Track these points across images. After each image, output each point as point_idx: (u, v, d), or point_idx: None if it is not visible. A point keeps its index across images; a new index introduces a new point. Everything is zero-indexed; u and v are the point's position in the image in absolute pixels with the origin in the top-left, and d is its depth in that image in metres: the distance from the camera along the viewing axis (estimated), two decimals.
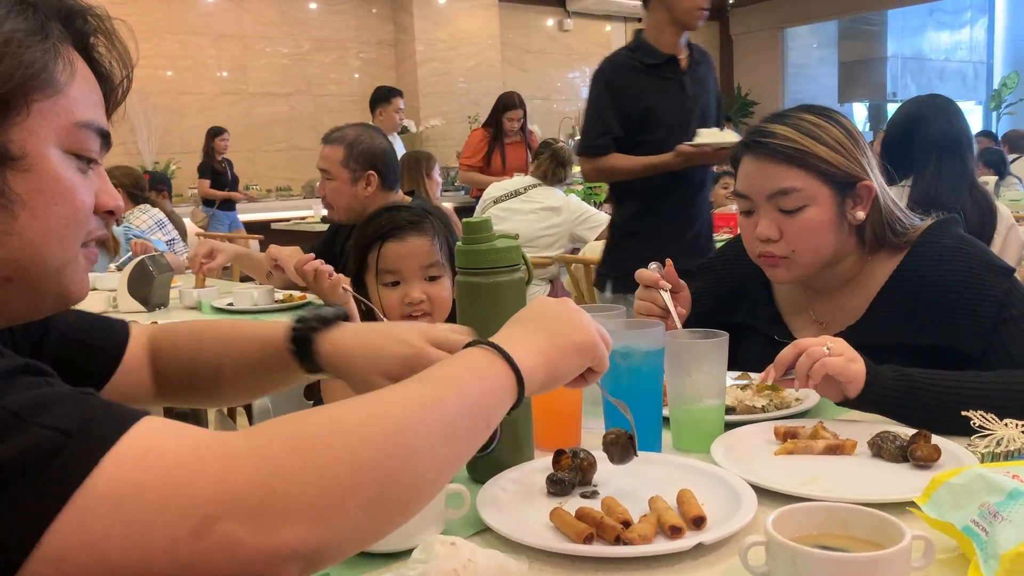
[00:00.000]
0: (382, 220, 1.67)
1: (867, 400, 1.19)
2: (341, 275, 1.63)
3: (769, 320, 1.57)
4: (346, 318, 1.06)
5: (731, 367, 1.26)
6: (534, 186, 4.25)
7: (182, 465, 0.58)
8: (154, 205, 4.51)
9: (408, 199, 2.64)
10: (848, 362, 1.18)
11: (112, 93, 0.84)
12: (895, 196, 1.49)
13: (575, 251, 4.20)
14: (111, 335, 1.09)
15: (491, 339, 0.80)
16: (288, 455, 0.60)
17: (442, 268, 1.65)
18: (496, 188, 4.39)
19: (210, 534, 0.56)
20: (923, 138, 2.54)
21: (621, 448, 0.97)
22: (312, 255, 2.01)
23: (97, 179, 0.81)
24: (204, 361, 1.11)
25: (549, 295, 4.05)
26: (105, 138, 0.81)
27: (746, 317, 1.60)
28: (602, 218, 4.19)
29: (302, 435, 0.62)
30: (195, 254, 2.80)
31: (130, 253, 3.50)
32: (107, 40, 0.83)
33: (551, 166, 4.27)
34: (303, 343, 1.03)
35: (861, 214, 1.43)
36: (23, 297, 0.78)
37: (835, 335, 1.25)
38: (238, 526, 0.57)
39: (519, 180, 4.36)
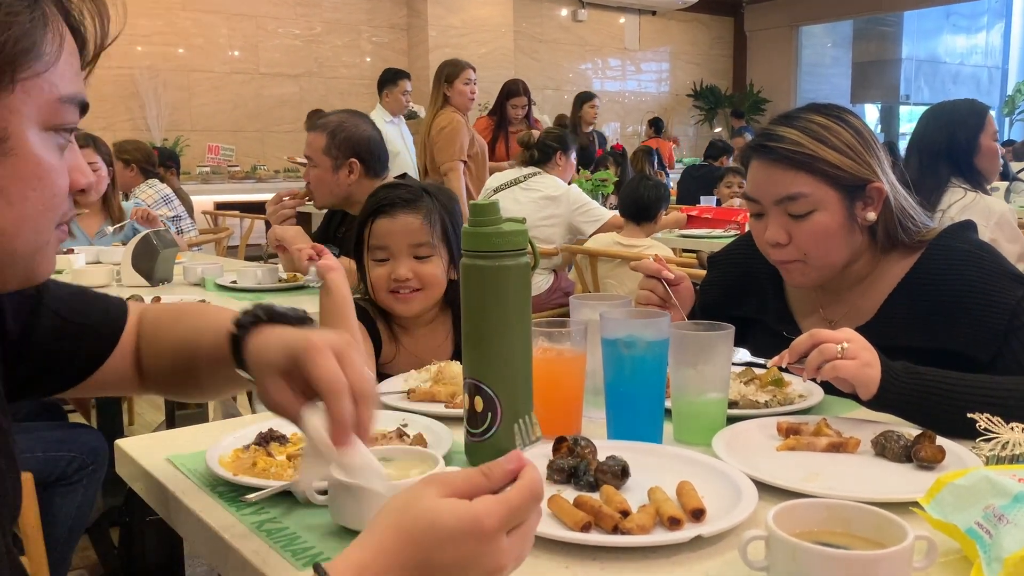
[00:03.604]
0: (378, 196, 1.70)
1: (877, 404, 1.18)
2: (308, 247, 1.66)
3: (778, 315, 1.56)
4: (308, 320, 0.90)
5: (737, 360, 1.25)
6: (534, 174, 4.17)
7: None
8: (162, 181, 4.52)
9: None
10: (862, 367, 1.14)
11: (87, 51, 0.75)
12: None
13: (581, 243, 4.16)
14: (108, 318, 1.02)
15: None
16: None
17: (433, 248, 1.64)
18: (496, 178, 4.33)
19: None
20: None
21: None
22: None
23: (70, 155, 0.75)
24: (179, 346, 0.98)
25: (552, 285, 4.03)
26: (84, 108, 0.75)
27: (755, 311, 1.58)
28: (602, 213, 4.11)
29: None
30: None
31: (133, 223, 3.50)
32: None
33: (522, 151, 4.27)
34: (235, 341, 0.88)
35: (872, 215, 1.41)
36: None
37: None
38: None
39: (519, 169, 4.27)
